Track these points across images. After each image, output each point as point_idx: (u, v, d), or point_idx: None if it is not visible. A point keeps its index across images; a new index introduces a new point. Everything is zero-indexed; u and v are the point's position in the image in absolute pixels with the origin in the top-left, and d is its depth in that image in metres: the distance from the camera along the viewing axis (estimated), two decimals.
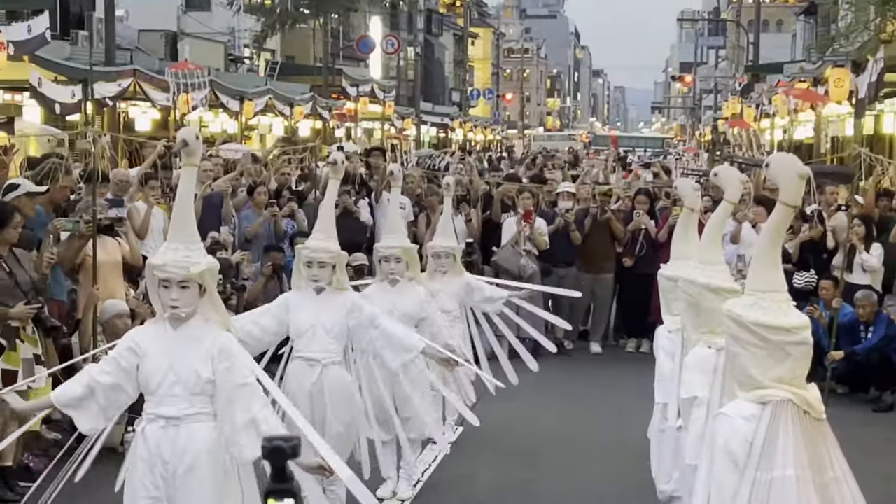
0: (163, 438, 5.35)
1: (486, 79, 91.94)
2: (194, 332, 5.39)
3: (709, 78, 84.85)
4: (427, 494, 8.66)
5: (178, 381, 5.33)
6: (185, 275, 5.28)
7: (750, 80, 44.32)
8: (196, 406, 5.34)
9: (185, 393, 5.33)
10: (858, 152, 13.39)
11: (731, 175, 6.34)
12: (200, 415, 5.35)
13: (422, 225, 14.45)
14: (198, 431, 5.34)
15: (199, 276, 5.31)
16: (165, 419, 5.36)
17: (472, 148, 51.67)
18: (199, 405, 5.35)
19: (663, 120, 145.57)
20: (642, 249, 14.23)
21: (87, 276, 9.71)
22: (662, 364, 6.86)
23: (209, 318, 5.44)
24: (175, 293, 5.31)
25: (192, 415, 5.34)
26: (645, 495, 7.72)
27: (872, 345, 11.70)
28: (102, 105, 20.38)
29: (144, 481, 5.37)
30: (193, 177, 5.68)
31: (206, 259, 5.43)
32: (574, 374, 13.21)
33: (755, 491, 4.43)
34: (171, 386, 5.34)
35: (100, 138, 11.38)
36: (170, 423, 5.35)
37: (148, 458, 5.37)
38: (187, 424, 5.34)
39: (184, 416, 5.34)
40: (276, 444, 1.83)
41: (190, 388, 5.33)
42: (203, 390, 5.33)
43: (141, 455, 5.39)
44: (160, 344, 5.41)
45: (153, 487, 5.35)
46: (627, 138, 71.06)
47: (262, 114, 29.00)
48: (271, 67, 40.17)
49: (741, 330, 4.64)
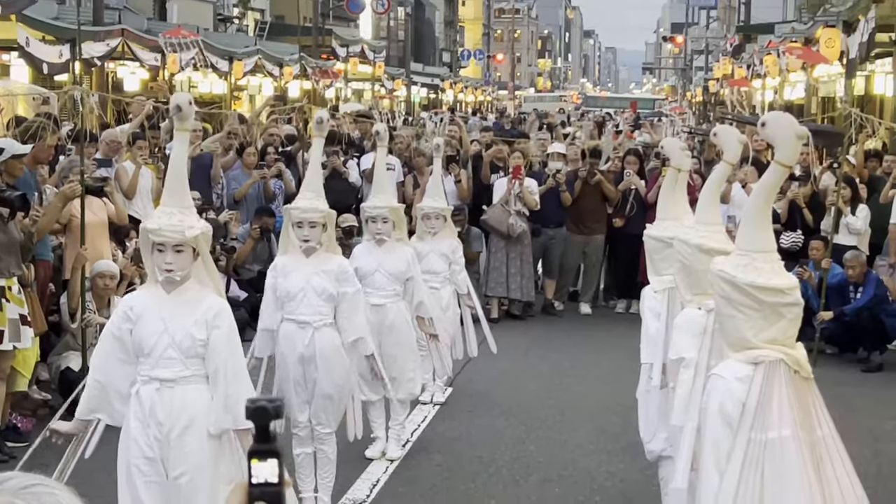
0: (157, 400, 5.35)
1: (477, 39, 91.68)
2: (189, 296, 5.40)
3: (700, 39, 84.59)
4: (417, 454, 8.68)
5: (172, 343, 5.34)
6: (180, 239, 5.28)
7: (741, 41, 44.18)
8: (191, 369, 5.36)
9: (179, 356, 5.34)
10: (849, 112, 13.36)
11: (730, 135, 6.28)
12: (195, 377, 5.37)
13: (409, 186, 14.42)
14: (192, 393, 5.36)
15: (193, 240, 5.31)
16: (160, 381, 5.36)
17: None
18: (194, 368, 5.36)
19: (654, 81, 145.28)
20: (632, 210, 14.22)
21: (74, 237, 9.67)
22: (648, 324, 6.84)
23: (203, 282, 5.45)
24: (170, 257, 5.30)
25: (187, 377, 5.35)
26: (634, 454, 7.74)
27: (861, 305, 11.72)
28: (90, 65, 20.21)
29: (139, 442, 5.37)
30: (186, 142, 5.66)
31: (201, 223, 5.44)
32: (564, 335, 13.24)
33: (750, 452, 4.43)
34: (165, 348, 5.35)
35: (87, 97, 11.29)
36: (164, 385, 5.36)
37: (143, 419, 5.36)
38: (182, 387, 5.35)
39: (179, 379, 5.35)
40: (260, 405, 1.81)
41: (185, 351, 5.34)
42: (198, 353, 5.35)
43: (136, 415, 5.39)
44: (155, 307, 5.41)
45: (147, 448, 5.35)
46: (618, 99, 70.86)
47: (251, 74, 28.86)
48: (260, 27, 39.96)
49: (734, 291, 4.62)
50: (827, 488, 4.42)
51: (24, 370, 8.84)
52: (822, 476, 4.43)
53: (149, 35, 22.46)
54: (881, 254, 13.16)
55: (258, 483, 1.79)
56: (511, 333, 13.06)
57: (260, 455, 1.80)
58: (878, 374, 11.59)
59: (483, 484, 8.01)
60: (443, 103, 55.67)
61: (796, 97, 29.15)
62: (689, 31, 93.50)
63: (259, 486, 1.79)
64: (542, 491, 7.89)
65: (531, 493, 7.84)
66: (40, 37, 18.48)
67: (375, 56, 40.89)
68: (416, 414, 9.65)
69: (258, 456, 1.80)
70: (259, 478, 1.79)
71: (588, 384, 10.87)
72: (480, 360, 10.81)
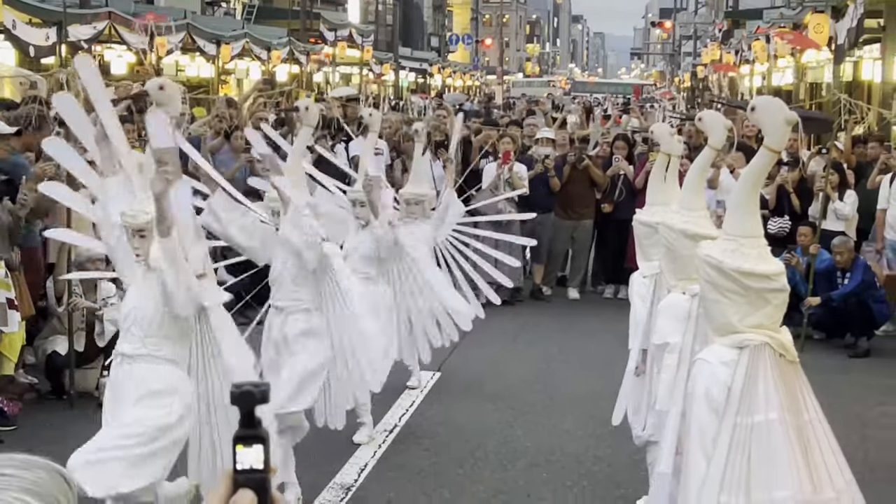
0: (119, 373, 5.61)
1: (465, 24, 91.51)
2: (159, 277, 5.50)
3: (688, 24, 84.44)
4: (405, 439, 8.67)
5: (135, 321, 5.53)
6: (138, 224, 5.48)
7: (729, 27, 44.22)
8: (147, 347, 5.52)
9: (139, 333, 5.53)
10: (838, 98, 13.37)
11: (715, 120, 6.27)
12: (150, 357, 5.52)
13: (398, 170, 14.38)
14: (140, 372, 5.51)
15: (146, 224, 5.47)
16: (122, 356, 5.62)
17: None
18: (151, 347, 5.52)
19: (643, 66, 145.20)
20: (621, 195, 14.21)
21: (59, 221, 9.63)
22: (637, 309, 6.84)
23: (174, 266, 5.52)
24: (136, 241, 5.51)
25: (142, 355, 5.52)
26: (622, 439, 7.74)
27: (849, 291, 11.73)
28: (77, 48, 20.11)
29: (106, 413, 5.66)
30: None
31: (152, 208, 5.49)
32: (552, 320, 13.24)
33: (736, 436, 4.43)
34: (130, 325, 5.56)
35: (74, 80, 11.22)
36: (124, 359, 5.61)
37: (111, 389, 5.68)
38: (138, 364, 5.53)
39: (135, 356, 5.56)
40: (246, 389, 1.79)
41: (144, 329, 5.51)
42: (154, 333, 5.49)
43: (108, 388, 5.74)
44: (135, 284, 5.63)
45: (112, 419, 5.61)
46: (606, 84, 70.84)
47: (238, 58, 28.78)
48: (248, 11, 39.78)
49: (720, 276, 4.61)
50: (815, 472, 4.43)
51: (11, 354, 8.82)
52: (810, 460, 4.44)
53: (136, 17, 22.35)
54: (868, 239, 13.18)
55: (243, 469, 1.77)
56: (499, 319, 13.05)
57: (245, 440, 1.78)
58: (866, 359, 11.61)
59: (471, 469, 8.01)
60: (431, 88, 55.58)
61: (785, 83, 29.16)
62: (677, 16, 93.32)
63: (244, 472, 1.77)
64: (529, 475, 7.89)
65: (519, 478, 7.84)
66: (27, 19, 18.38)
67: (363, 40, 40.78)
68: (404, 399, 9.66)
69: (243, 441, 1.78)
70: (244, 464, 1.77)
71: (576, 369, 10.88)
72: (468, 345, 10.81)
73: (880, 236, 12.80)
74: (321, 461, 7.91)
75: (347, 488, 7.58)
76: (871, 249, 12.90)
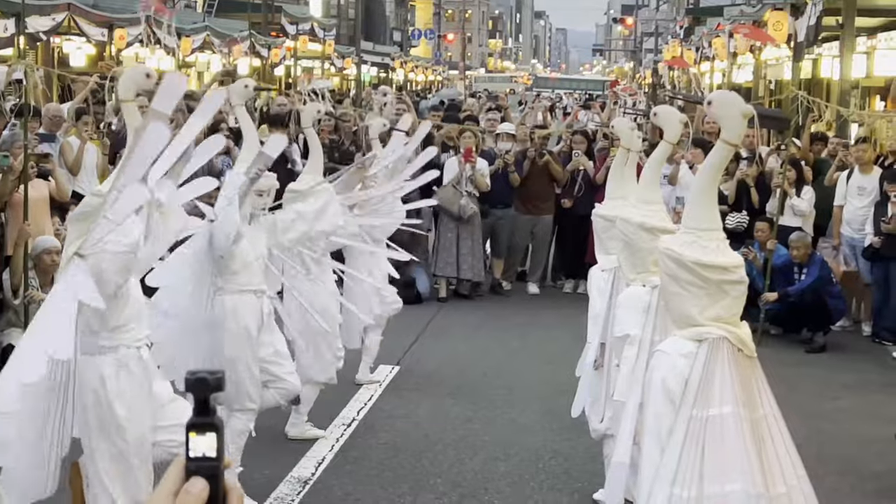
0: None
1: (428, 19, 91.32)
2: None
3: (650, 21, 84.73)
4: (363, 433, 8.67)
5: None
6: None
7: (690, 24, 44.34)
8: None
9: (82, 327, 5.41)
10: (796, 95, 13.45)
11: (671, 115, 6.31)
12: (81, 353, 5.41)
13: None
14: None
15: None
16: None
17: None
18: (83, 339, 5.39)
19: (605, 63, 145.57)
20: (581, 190, 14.24)
21: (16, 213, 9.55)
22: (595, 303, 6.87)
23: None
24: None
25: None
26: (580, 433, 7.77)
27: (806, 286, 11.81)
28: (36, 40, 19.94)
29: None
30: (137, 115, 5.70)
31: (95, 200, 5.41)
32: (512, 315, 13.25)
33: (691, 428, 4.46)
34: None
35: (32, 72, 11.15)
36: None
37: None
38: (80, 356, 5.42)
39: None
40: (201, 376, 1.78)
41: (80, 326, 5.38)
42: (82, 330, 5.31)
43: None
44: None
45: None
46: (568, 80, 71.02)
47: (199, 51, 28.60)
48: (209, 3, 39.54)
49: (680, 269, 4.64)
50: (768, 466, 4.46)
51: None
52: (763, 454, 4.47)
53: (96, 10, 22.15)
54: (825, 235, 13.27)
55: (195, 457, 1.76)
56: (459, 313, 13.08)
57: (198, 428, 1.77)
58: (822, 354, 11.69)
59: (429, 462, 8.01)
60: (392, 83, 55.49)
61: (744, 80, 29.32)
62: (639, 13, 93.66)
63: (196, 459, 1.76)
64: (487, 469, 7.91)
65: (477, 472, 7.85)
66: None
67: (325, 34, 40.62)
68: (362, 393, 9.65)
69: (196, 429, 1.77)
70: (196, 451, 1.76)
71: (535, 363, 10.90)
72: (428, 339, 10.82)
73: (837, 232, 12.89)
74: (278, 455, 7.90)
75: (305, 482, 7.57)
76: (828, 245, 12.99)
